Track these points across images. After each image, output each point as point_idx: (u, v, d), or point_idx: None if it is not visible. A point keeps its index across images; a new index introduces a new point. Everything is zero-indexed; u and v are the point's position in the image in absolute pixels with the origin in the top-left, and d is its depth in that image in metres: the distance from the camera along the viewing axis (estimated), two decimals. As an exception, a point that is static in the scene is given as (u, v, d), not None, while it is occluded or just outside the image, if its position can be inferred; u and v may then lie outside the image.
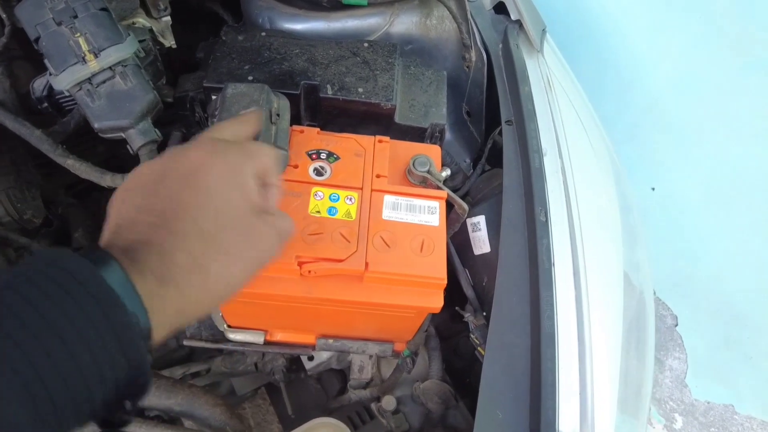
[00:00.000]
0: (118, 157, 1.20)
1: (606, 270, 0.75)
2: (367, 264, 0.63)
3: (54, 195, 0.99)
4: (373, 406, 0.98)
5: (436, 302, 0.66)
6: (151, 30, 0.76)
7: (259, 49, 0.82)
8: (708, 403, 1.41)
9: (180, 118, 0.90)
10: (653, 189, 1.29)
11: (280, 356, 0.98)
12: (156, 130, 0.62)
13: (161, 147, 0.83)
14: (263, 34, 0.84)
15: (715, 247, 1.23)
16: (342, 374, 1.16)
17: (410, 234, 0.67)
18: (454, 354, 1.08)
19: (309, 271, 0.63)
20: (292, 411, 1.03)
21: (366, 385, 0.96)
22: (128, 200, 0.39)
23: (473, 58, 0.91)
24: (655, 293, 1.47)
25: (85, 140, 0.89)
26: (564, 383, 0.66)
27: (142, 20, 0.76)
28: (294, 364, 1.07)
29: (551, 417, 0.64)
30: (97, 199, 1.19)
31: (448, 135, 1.07)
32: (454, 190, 0.96)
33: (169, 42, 0.78)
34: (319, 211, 0.66)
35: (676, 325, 1.42)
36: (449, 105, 1.05)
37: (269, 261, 0.44)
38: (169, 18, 0.82)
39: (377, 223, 0.67)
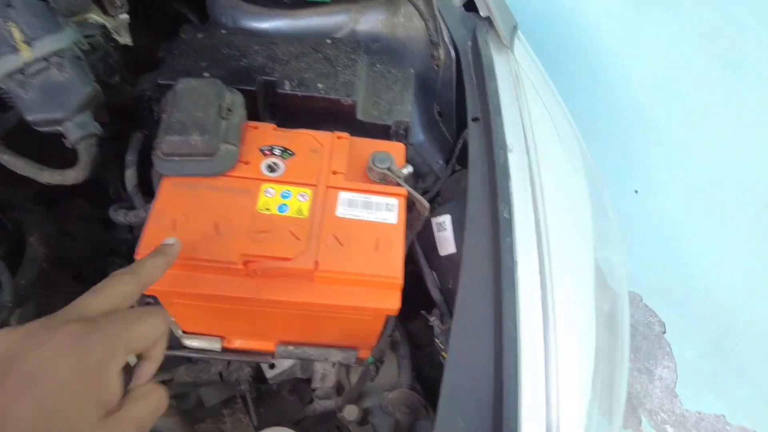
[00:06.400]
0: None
1: (575, 270, 0.71)
2: (317, 263, 0.60)
3: (13, 198, 0.96)
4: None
5: (393, 303, 0.63)
6: (104, 26, 0.73)
7: (218, 46, 0.80)
8: (699, 413, 1.36)
9: (144, 119, 0.88)
10: (636, 192, 1.26)
11: (246, 365, 0.94)
12: (96, 123, 0.60)
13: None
14: (224, 32, 0.82)
15: (701, 250, 1.20)
16: (316, 385, 1.12)
17: (366, 232, 0.64)
18: (429, 364, 1.04)
19: (255, 271, 0.60)
20: (259, 423, 0.99)
21: (336, 395, 0.92)
22: None
23: (442, 56, 0.89)
24: (642, 300, 1.44)
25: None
26: (527, 390, 0.62)
27: (95, 16, 0.74)
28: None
29: (512, 427, 0.61)
30: (66, 206, 1.17)
31: (420, 136, 1.05)
32: (425, 192, 0.94)
33: (125, 40, 0.76)
34: (268, 209, 0.63)
35: (664, 332, 1.37)
36: (421, 106, 1.03)
37: None
38: (126, 16, 0.79)
39: (331, 221, 0.64)
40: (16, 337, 0.37)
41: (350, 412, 0.78)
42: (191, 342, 0.80)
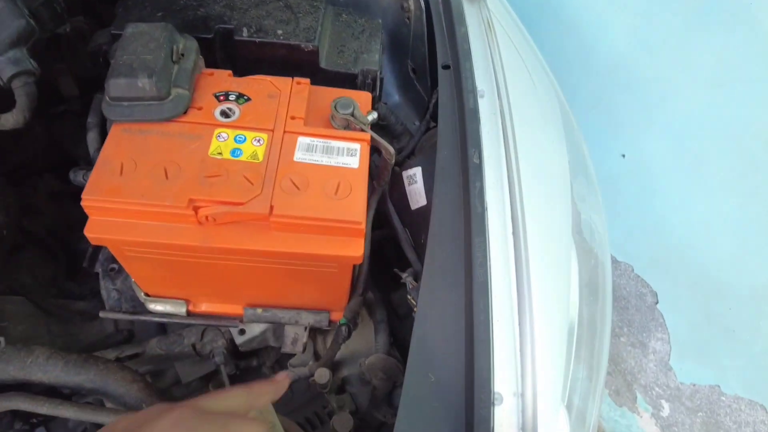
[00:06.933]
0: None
1: (551, 215, 0.68)
2: (272, 207, 0.57)
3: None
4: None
5: (355, 250, 0.59)
6: (51, -27, 0.70)
7: (175, -4, 0.76)
8: (694, 385, 1.32)
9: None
10: (624, 156, 1.22)
11: (220, 336, 0.91)
12: (32, 61, 0.56)
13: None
14: (182, -18, 0.79)
15: (690, 212, 1.16)
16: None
17: (325, 176, 0.60)
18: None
19: (206, 217, 0.56)
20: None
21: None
22: None
23: (412, 7, 0.85)
24: (633, 270, 1.40)
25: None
26: (500, 337, 0.59)
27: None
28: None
29: (486, 376, 0.57)
30: (33, 183, 1.14)
31: (396, 97, 1.02)
32: (399, 151, 0.90)
33: (75, -12, 0.72)
34: (220, 153, 0.60)
35: (657, 302, 1.34)
36: (395, 65, 0.99)
37: None
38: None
39: (288, 166, 0.60)
40: (135, 417, 0.42)
41: (321, 376, 0.75)
42: (155, 306, 0.77)
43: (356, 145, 0.64)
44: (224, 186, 0.57)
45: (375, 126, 0.74)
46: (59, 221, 1.13)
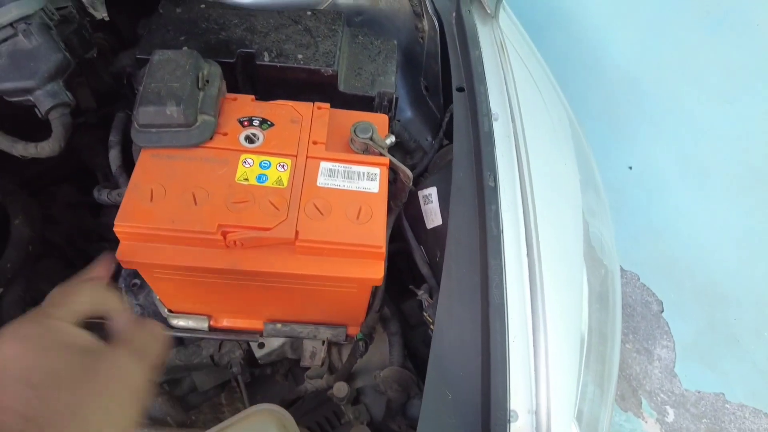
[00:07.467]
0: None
1: (564, 237, 0.70)
2: (297, 232, 0.59)
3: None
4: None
5: (376, 273, 0.61)
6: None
7: (197, 20, 0.78)
8: (698, 392, 1.34)
9: (127, 99, 0.86)
10: (630, 168, 1.24)
11: (237, 347, 0.93)
12: (68, 93, 0.58)
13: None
14: (202, 6, 0.81)
15: (695, 223, 1.18)
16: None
17: (347, 201, 0.62)
18: (423, 343, 1.03)
19: (234, 242, 0.59)
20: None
21: (328, 375, 0.91)
22: None
23: (426, 28, 0.87)
24: (639, 279, 1.42)
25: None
26: (516, 357, 0.61)
27: (68, -11, 0.72)
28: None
29: (502, 394, 0.59)
30: (51, 192, 1.16)
31: (408, 113, 1.04)
32: (412, 168, 0.92)
33: (101, 14, 0.74)
34: (247, 179, 0.62)
35: (662, 311, 1.36)
36: (408, 82, 1.01)
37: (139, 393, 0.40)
38: (102, -10, 0.78)
39: (311, 191, 0.62)
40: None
41: (339, 389, 0.77)
42: (178, 321, 0.79)
43: (376, 170, 0.66)
44: (251, 212, 0.59)
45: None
46: (76, 230, 1.16)
